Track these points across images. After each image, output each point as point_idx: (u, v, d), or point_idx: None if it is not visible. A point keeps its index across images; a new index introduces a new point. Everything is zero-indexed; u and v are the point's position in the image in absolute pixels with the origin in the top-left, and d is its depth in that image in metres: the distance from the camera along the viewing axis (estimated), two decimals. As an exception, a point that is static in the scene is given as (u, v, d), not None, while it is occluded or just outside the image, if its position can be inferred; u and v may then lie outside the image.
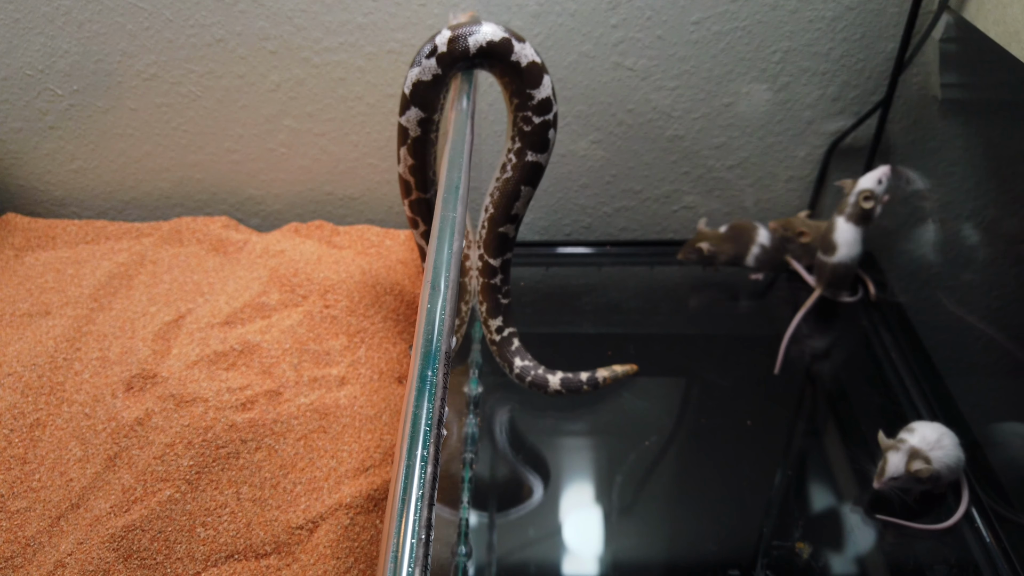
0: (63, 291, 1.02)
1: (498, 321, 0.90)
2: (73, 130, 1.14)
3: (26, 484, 0.79)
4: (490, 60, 0.76)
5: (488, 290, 0.88)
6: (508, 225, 0.83)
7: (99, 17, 1.04)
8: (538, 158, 0.79)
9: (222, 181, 1.20)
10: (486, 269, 0.86)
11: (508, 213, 0.82)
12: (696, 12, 1.05)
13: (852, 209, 1.08)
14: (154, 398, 0.85)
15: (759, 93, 1.12)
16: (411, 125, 0.78)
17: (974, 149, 1.17)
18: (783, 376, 1.08)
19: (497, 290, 0.88)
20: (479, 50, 0.75)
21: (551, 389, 0.92)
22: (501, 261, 0.86)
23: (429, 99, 0.77)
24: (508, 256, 0.86)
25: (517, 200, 0.81)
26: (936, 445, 0.85)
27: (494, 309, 0.89)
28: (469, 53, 0.75)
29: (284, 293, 1.01)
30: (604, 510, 0.92)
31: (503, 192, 0.81)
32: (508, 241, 0.84)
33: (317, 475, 0.81)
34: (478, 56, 0.76)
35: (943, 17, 1.02)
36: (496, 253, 0.85)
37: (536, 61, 0.76)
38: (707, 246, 1.14)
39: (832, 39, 1.08)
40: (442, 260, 0.61)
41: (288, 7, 1.03)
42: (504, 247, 0.85)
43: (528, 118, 0.78)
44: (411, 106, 0.77)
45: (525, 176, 0.80)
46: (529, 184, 0.80)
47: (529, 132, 0.78)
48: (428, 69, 0.76)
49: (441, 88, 0.77)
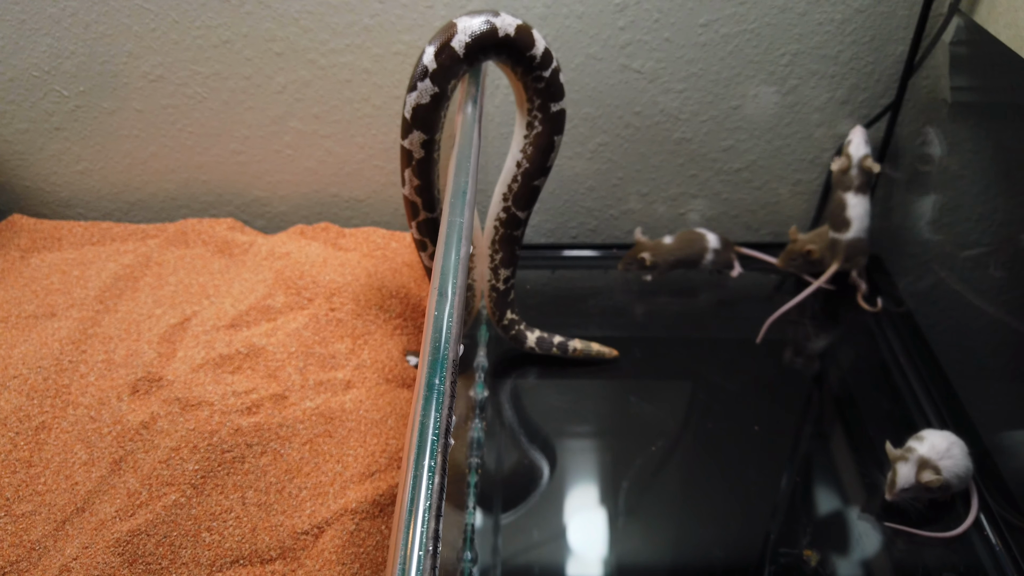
0: (69, 293, 1.01)
1: (508, 272, 0.94)
2: (79, 131, 1.14)
3: (31, 487, 0.79)
4: (483, 52, 0.76)
5: (509, 241, 0.91)
6: (542, 178, 0.86)
7: (105, 19, 1.04)
8: (561, 105, 0.81)
9: (228, 183, 1.19)
10: (512, 221, 0.90)
11: (543, 166, 0.85)
12: (704, 15, 1.04)
13: (859, 180, 1.09)
14: (159, 401, 0.85)
15: (767, 96, 1.12)
16: (415, 148, 0.79)
17: (984, 153, 1.16)
18: (791, 381, 1.07)
19: (516, 242, 0.92)
20: (468, 49, 0.75)
21: (527, 345, 1.01)
22: (527, 215, 0.89)
23: (430, 120, 0.78)
24: (531, 210, 0.90)
25: (552, 151, 0.84)
26: (946, 454, 0.85)
27: (508, 260, 0.92)
28: (460, 57, 0.76)
29: (290, 296, 1.01)
30: (610, 515, 0.91)
31: (537, 146, 0.83)
32: (536, 194, 0.88)
33: (322, 480, 0.81)
34: (469, 55, 0.76)
35: (954, 20, 1.02)
36: (525, 206, 0.89)
37: (520, 24, 0.76)
38: (649, 256, 1.15)
39: (841, 42, 1.07)
40: (449, 266, 0.60)
41: (294, 9, 1.03)
42: (533, 200, 0.88)
43: (538, 76, 0.79)
44: (413, 130, 0.78)
45: (555, 126, 0.83)
46: (559, 133, 0.83)
47: (544, 87, 0.80)
48: (425, 91, 0.76)
49: (442, 105, 0.78)
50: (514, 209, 0.89)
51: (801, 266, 1.15)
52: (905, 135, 1.15)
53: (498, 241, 0.91)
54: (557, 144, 0.84)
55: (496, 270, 0.93)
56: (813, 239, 1.14)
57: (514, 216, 0.89)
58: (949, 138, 1.15)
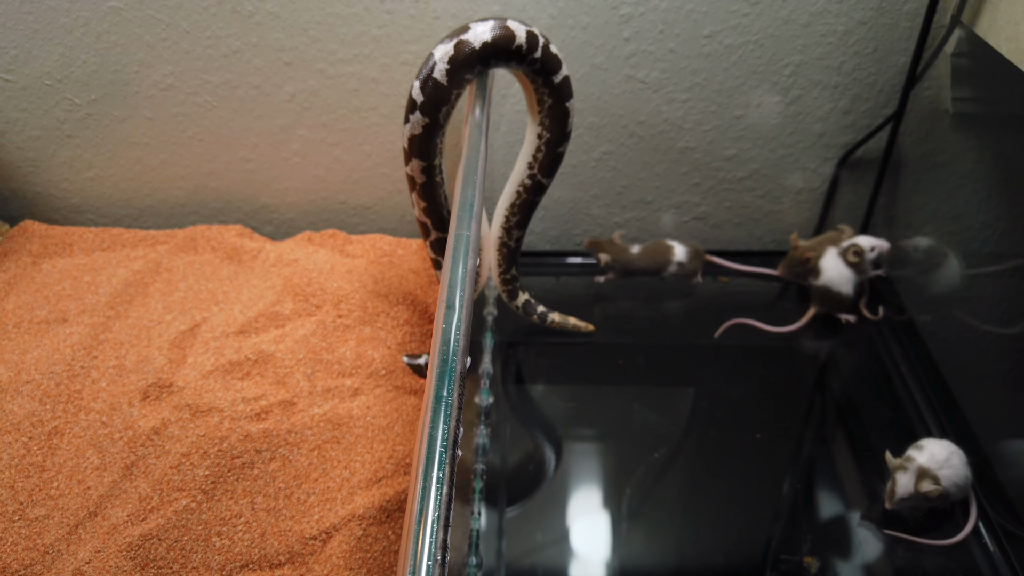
0: (80, 298, 1.03)
1: (521, 232, 0.96)
2: (90, 138, 1.15)
3: (44, 492, 0.80)
4: (467, 70, 0.78)
5: (529, 206, 0.94)
6: (564, 144, 0.88)
7: (117, 28, 1.05)
8: (563, 74, 0.83)
9: (237, 189, 1.21)
10: (536, 188, 0.92)
11: (563, 132, 0.87)
12: (708, 26, 1.06)
13: (842, 250, 1.12)
14: (170, 407, 0.87)
15: (770, 105, 1.13)
16: (416, 174, 0.84)
17: (985, 163, 1.17)
18: (793, 389, 1.08)
19: (534, 207, 0.94)
20: (450, 74, 0.77)
21: (514, 303, 1.06)
22: (550, 181, 0.92)
23: (426, 149, 0.82)
24: (553, 178, 0.92)
25: (568, 117, 0.86)
26: (945, 464, 0.86)
27: (523, 222, 0.95)
28: (446, 86, 0.78)
29: (298, 302, 1.02)
30: (613, 520, 0.92)
31: (554, 116, 0.85)
32: (560, 161, 0.90)
33: (330, 485, 0.82)
34: (456, 79, 0.78)
35: (955, 32, 1.03)
36: (549, 172, 0.91)
37: (494, 24, 0.78)
38: (605, 256, 1.18)
39: (844, 53, 1.08)
40: (456, 278, 0.62)
41: (304, 19, 1.04)
42: (556, 167, 0.91)
43: (532, 60, 0.80)
44: (412, 158, 0.82)
45: (565, 93, 0.84)
46: (571, 97, 0.85)
47: (540, 66, 0.81)
48: (416, 123, 0.80)
49: (435, 133, 0.81)
50: (539, 176, 0.91)
51: (801, 274, 1.17)
52: (907, 145, 1.16)
53: (518, 205, 0.93)
54: (571, 109, 0.85)
55: (510, 230, 0.96)
56: (814, 246, 1.15)
57: (539, 183, 0.91)
58: (951, 148, 1.16)
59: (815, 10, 1.04)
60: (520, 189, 0.92)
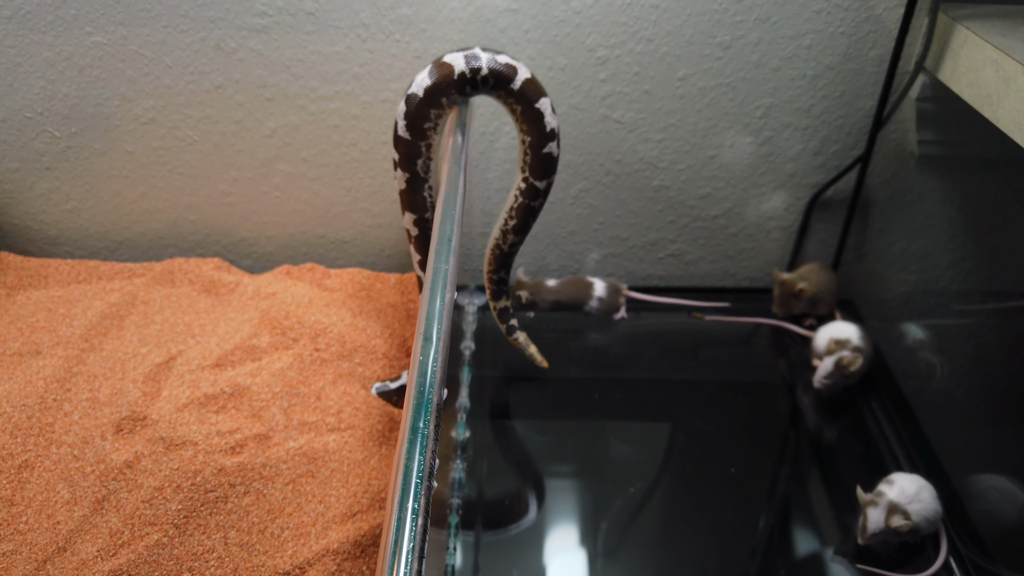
0: (54, 331, 1.02)
1: (517, 239, 0.96)
2: (69, 171, 1.15)
3: (13, 526, 0.79)
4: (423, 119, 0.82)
5: (526, 211, 0.93)
6: (549, 144, 0.87)
7: (100, 63, 1.06)
8: (522, 78, 0.83)
9: (215, 223, 1.21)
10: (531, 191, 0.91)
11: (543, 131, 0.86)
12: (682, 68, 1.09)
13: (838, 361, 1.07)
14: (144, 441, 0.86)
15: (743, 146, 1.16)
16: (409, 226, 0.91)
17: (951, 203, 1.20)
18: (766, 424, 1.10)
19: (532, 213, 0.94)
20: (410, 129, 0.82)
21: (494, 304, 1.04)
22: (546, 184, 0.91)
23: (414, 201, 0.88)
24: (550, 181, 0.91)
25: (543, 117, 0.86)
26: (915, 499, 0.87)
27: (521, 228, 0.95)
28: (411, 140, 0.83)
29: (275, 336, 1.02)
30: (589, 556, 0.92)
31: (527, 119, 0.86)
32: (550, 162, 0.89)
33: (305, 520, 0.81)
34: (417, 131, 0.83)
35: (919, 78, 1.06)
36: (539, 175, 0.90)
37: (431, 67, 0.82)
38: (525, 294, 1.19)
39: (813, 96, 1.11)
40: (434, 312, 0.62)
41: (286, 56, 1.06)
42: (547, 170, 0.89)
43: (482, 80, 0.82)
44: (404, 212, 0.89)
45: (531, 96, 0.84)
46: (541, 96, 0.85)
47: (494, 83, 0.83)
48: (401, 178, 0.86)
49: (421, 186, 0.87)
50: (531, 179, 0.90)
51: (795, 307, 1.18)
52: (875, 185, 1.20)
53: (515, 208, 0.94)
54: (545, 106, 0.85)
55: (506, 233, 0.96)
56: (805, 275, 1.17)
57: (532, 186, 0.91)
58: (917, 189, 1.19)
59: (784, 55, 1.08)
60: (516, 193, 0.93)
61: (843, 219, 1.22)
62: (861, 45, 1.07)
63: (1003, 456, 1.08)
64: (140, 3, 1.02)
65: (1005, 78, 0.88)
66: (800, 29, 1.06)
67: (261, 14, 1.03)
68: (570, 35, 1.06)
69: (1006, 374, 1.19)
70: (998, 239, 1.20)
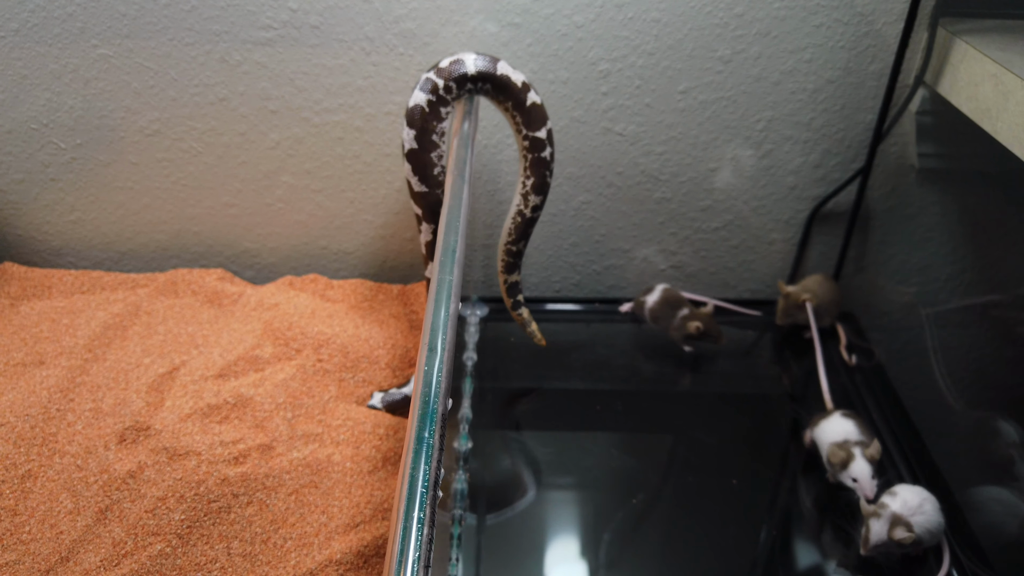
0: (58, 341, 1.02)
1: (538, 199, 0.96)
2: (74, 182, 1.16)
3: (16, 536, 0.79)
4: (429, 133, 0.87)
5: (538, 164, 0.94)
6: (528, 94, 0.90)
7: (105, 75, 1.07)
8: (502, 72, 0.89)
9: (219, 234, 1.22)
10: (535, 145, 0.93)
11: (517, 86, 0.89)
12: (683, 82, 1.09)
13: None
14: (147, 451, 0.86)
15: (744, 159, 1.16)
16: (429, 238, 0.94)
17: (951, 216, 1.21)
18: (768, 435, 1.10)
19: (546, 166, 0.94)
20: (419, 140, 0.86)
21: (505, 278, 1.04)
22: (545, 132, 0.92)
23: (435, 213, 0.90)
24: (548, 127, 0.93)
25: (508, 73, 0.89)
26: (918, 510, 0.87)
27: (539, 186, 0.95)
28: (420, 151, 0.86)
29: (278, 347, 1.03)
30: (591, 567, 0.92)
31: (499, 84, 0.89)
32: (541, 111, 0.91)
33: (307, 531, 0.82)
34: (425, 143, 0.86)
35: (919, 91, 1.07)
36: (537, 127, 0.91)
37: (423, 81, 0.86)
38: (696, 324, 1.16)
39: (814, 109, 1.12)
40: (439, 322, 0.63)
41: (290, 69, 1.07)
42: (541, 119, 0.91)
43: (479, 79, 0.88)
44: (422, 222, 0.93)
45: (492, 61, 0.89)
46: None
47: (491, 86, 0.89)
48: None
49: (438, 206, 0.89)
50: (530, 134, 0.91)
51: (799, 319, 1.18)
52: (875, 198, 1.20)
53: (528, 167, 0.94)
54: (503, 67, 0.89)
55: (526, 196, 0.95)
56: (809, 286, 1.17)
57: (535, 139, 0.91)
58: (917, 202, 1.20)
59: (785, 69, 1.09)
60: (523, 153, 0.95)
61: (844, 231, 1.22)
62: (861, 59, 1.08)
63: (1005, 468, 1.08)
64: (146, 16, 1.03)
65: (1004, 92, 0.89)
66: (800, 43, 1.07)
67: (266, 27, 1.04)
68: (572, 49, 1.07)
69: (1007, 386, 1.20)
70: (998, 252, 1.21)
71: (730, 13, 1.05)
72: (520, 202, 0.96)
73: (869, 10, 1.05)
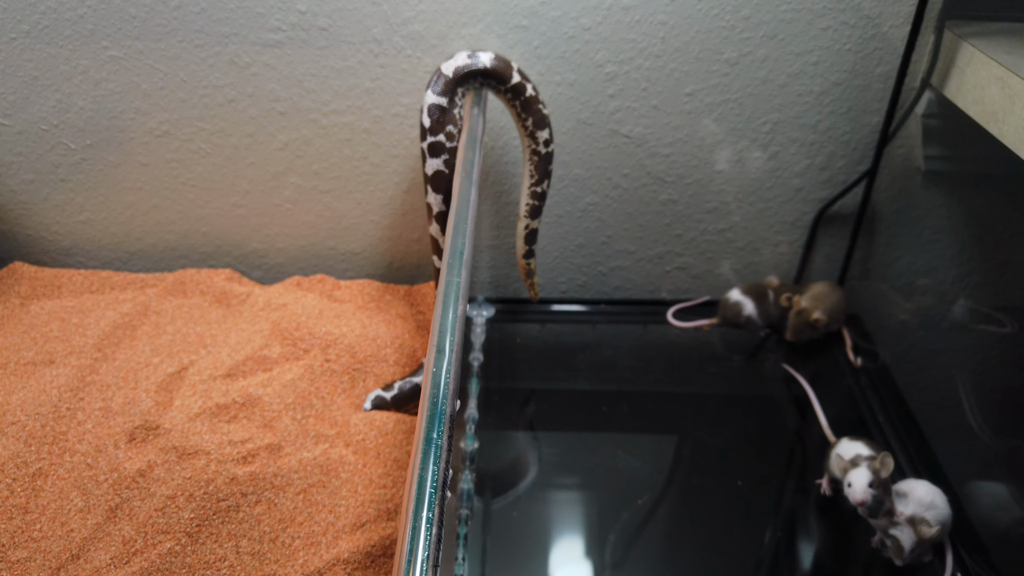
0: (67, 340, 1.03)
1: (546, 134, 1.01)
2: (83, 182, 1.17)
3: (27, 534, 0.80)
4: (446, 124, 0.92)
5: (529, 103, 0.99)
6: (544, 130, 0.99)
7: (115, 76, 1.08)
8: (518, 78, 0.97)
9: (227, 234, 1.22)
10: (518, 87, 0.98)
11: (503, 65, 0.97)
12: (690, 84, 1.10)
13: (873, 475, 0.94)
14: (156, 450, 0.87)
15: (750, 161, 1.17)
16: (438, 236, 0.98)
17: (957, 218, 1.21)
18: (773, 437, 1.10)
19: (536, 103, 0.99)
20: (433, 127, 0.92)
21: (523, 224, 1.07)
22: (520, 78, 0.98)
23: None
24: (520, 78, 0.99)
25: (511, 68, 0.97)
26: (931, 506, 0.88)
27: (540, 122, 1.00)
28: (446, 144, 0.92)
29: (286, 347, 1.03)
30: (596, 567, 0.93)
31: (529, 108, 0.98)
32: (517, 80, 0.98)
33: (315, 530, 0.82)
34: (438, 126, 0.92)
35: (925, 94, 1.07)
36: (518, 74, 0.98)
37: (433, 81, 0.93)
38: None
39: (820, 112, 1.12)
40: (447, 324, 0.63)
41: (299, 71, 1.07)
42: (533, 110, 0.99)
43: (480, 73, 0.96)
44: (433, 222, 0.98)
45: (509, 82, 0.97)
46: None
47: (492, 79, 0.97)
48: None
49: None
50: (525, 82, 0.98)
51: (812, 335, 1.18)
52: (881, 200, 1.20)
53: (520, 112, 0.99)
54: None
55: (533, 135, 0.99)
56: (818, 297, 1.16)
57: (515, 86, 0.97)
58: (923, 204, 1.20)
59: (791, 71, 1.09)
60: (509, 96, 0.99)
61: (849, 234, 1.22)
62: (867, 62, 1.08)
63: (1010, 469, 1.08)
64: (156, 18, 1.04)
65: (1010, 95, 0.89)
66: (807, 46, 1.07)
67: (275, 29, 1.04)
68: (579, 51, 1.07)
69: (1012, 388, 1.20)
70: (1003, 254, 1.21)
71: (737, 16, 1.05)
72: (529, 143, 0.99)
73: (876, 13, 1.05)
